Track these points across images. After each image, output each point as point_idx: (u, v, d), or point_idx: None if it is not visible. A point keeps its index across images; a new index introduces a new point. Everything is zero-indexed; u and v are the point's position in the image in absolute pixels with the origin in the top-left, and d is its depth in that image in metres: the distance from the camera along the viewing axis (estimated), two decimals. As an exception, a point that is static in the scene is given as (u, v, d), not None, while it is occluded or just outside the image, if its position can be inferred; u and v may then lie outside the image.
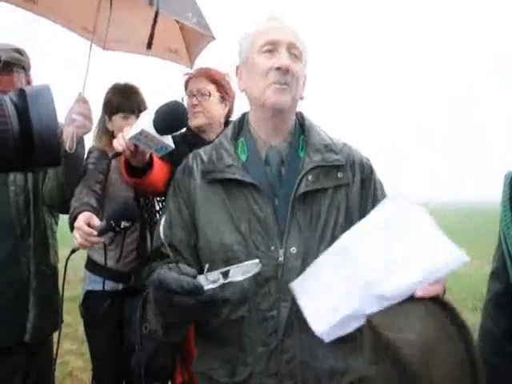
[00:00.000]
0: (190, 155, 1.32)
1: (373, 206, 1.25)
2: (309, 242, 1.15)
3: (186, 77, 1.98)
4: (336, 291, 0.94)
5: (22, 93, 0.69)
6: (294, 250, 1.14)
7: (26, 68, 1.78)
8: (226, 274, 1.03)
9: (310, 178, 1.18)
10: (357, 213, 1.23)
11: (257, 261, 1.04)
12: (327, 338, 0.95)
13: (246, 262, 1.04)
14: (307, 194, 1.17)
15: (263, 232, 1.15)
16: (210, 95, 1.88)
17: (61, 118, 1.61)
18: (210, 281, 1.02)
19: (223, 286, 1.04)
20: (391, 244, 0.86)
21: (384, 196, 1.29)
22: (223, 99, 1.94)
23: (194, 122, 1.89)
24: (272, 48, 1.18)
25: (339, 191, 1.21)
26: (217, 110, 1.92)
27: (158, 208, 1.94)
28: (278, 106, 1.19)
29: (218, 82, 1.91)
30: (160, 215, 1.67)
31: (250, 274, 1.04)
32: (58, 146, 0.73)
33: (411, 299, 0.82)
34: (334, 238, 1.15)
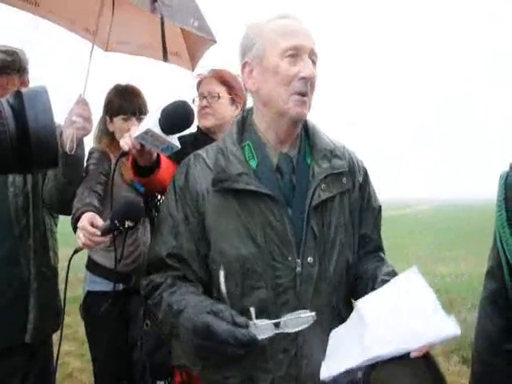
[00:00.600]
0: (191, 157, 1.28)
1: (366, 210, 1.28)
2: (322, 250, 1.16)
3: (199, 78, 1.98)
4: (345, 346, 1.03)
5: (18, 94, 0.70)
6: (310, 259, 1.15)
7: (19, 70, 1.76)
8: (277, 325, 1.04)
9: (322, 187, 1.18)
10: (357, 215, 1.25)
11: (313, 313, 1.04)
12: (327, 380, 1.03)
13: (303, 315, 1.04)
14: (319, 203, 1.17)
15: (280, 243, 1.14)
16: (219, 97, 1.87)
17: (61, 120, 1.61)
18: (261, 330, 1.02)
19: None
20: (396, 312, 0.98)
21: (376, 200, 1.32)
22: (234, 101, 1.93)
23: (203, 123, 1.89)
24: (295, 53, 1.14)
25: (343, 196, 1.22)
26: (227, 111, 1.91)
27: None
28: (300, 118, 1.19)
29: (228, 83, 1.91)
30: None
31: (304, 326, 1.04)
32: (55, 146, 0.73)
33: (403, 356, 0.93)
34: (342, 244, 1.19)
